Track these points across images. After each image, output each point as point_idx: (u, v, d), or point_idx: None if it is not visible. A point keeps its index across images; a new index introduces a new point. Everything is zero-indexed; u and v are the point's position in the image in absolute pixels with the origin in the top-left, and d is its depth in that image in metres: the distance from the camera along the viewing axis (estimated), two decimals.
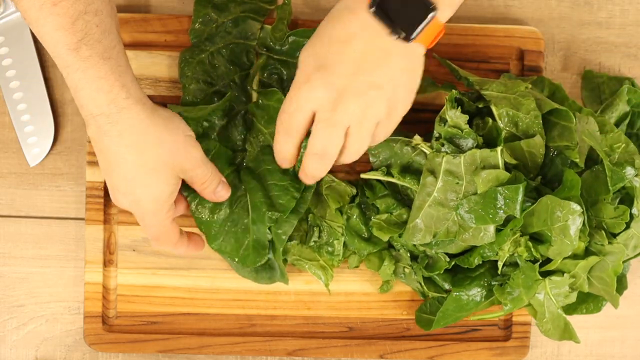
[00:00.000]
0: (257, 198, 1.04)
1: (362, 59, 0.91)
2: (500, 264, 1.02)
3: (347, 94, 0.92)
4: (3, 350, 1.12)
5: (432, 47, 0.93)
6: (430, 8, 0.90)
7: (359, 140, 0.95)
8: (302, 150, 0.98)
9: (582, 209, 0.97)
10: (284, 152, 0.98)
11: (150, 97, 1.09)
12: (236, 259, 1.05)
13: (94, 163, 1.09)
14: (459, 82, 1.06)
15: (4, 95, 1.11)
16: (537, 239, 1.02)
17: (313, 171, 0.97)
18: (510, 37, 1.11)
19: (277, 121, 0.97)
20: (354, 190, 1.08)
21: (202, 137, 1.04)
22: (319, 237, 1.08)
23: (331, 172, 1.06)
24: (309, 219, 1.08)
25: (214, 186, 1.02)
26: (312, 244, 1.08)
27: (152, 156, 0.94)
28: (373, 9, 0.89)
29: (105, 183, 1.09)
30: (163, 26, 1.10)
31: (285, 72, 1.08)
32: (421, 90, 1.03)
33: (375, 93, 0.92)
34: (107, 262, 1.10)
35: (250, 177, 1.05)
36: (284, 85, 1.07)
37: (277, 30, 1.07)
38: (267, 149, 1.05)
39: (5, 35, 1.10)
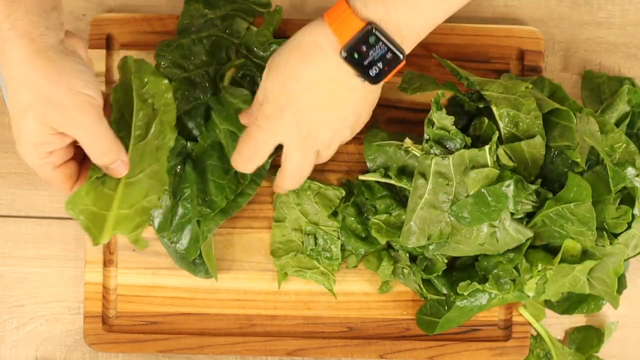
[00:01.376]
0: (193, 191, 1.05)
1: (330, 97, 0.96)
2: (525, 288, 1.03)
3: (316, 126, 0.97)
4: (3, 350, 1.12)
5: (433, 48, 0.94)
6: (399, 57, 0.94)
7: (326, 157, 1.02)
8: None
9: (594, 215, 0.98)
10: (244, 170, 1.01)
11: None
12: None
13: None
14: (459, 82, 1.06)
15: (3, 95, 1.11)
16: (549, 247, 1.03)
17: (288, 188, 1.02)
18: (510, 37, 1.11)
19: (241, 142, 0.99)
20: (343, 192, 1.08)
21: None
22: (315, 244, 1.09)
23: (323, 174, 1.07)
24: (302, 228, 1.09)
25: (105, 159, 0.94)
26: (309, 252, 1.09)
27: (22, 98, 0.89)
28: (344, 54, 0.93)
29: None
30: (163, 26, 1.10)
31: (259, 76, 1.08)
32: (422, 88, 1.03)
33: (341, 124, 0.98)
34: (107, 262, 1.10)
35: (192, 169, 1.06)
36: (254, 89, 1.07)
37: (262, 35, 1.08)
38: (217, 146, 1.06)
39: None
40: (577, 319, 1.14)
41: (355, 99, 0.97)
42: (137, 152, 0.97)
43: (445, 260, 1.06)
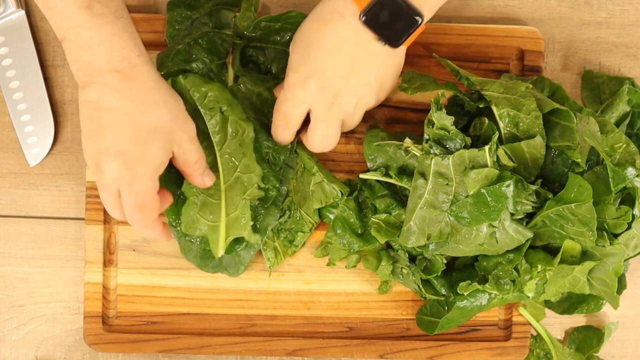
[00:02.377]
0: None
1: (353, 63, 0.97)
2: (525, 289, 1.03)
3: (341, 93, 0.99)
4: (3, 350, 1.12)
5: (433, 48, 0.94)
6: (417, 20, 0.96)
7: (351, 125, 1.04)
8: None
9: (595, 216, 0.98)
10: (282, 140, 1.05)
11: None
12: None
13: None
14: (459, 82, 1.06)
15: (4, 95, 1.11)
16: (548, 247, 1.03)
17: (317, 151, 1.04)
18: (510, 37, 1.11)
19: (274, 113, 1.03)
20: (339, 194, 1.08)
21: None
22: (286, 221, 1.09)
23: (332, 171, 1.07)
24: (283, 202, 1.08)
25: (203, 169, 1.01)
26: (276, 223, 1.08)
27: (156, 116, 0.94)
28: (364, 18, 0.95)
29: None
30: (163, 26, 1.10)
31: (260, 58, 1.09)
32: (423, 88, 1.04)
33: (366, 90, 1.00)
34: (107, 262, 1.10)
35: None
36: (262, 71, 1.08)
37: (245, 19, 1.08)
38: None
39: (5, 35, 1.10)
40: (577, 319, 1.14)
41: (377, 64, 0.98)
42: (225, 155, 1.03)
43: (444, 261, 1.06)
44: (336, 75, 0.98)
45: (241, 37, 1.09)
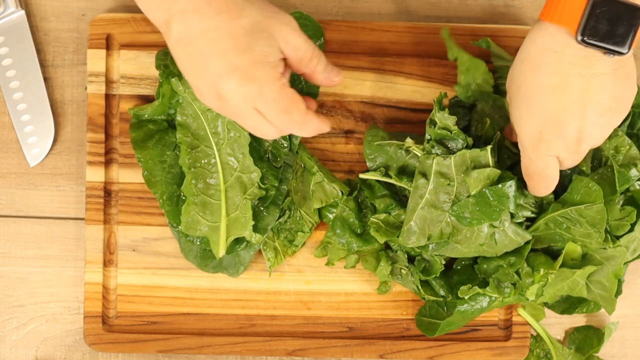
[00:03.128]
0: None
1: (584, 96, 0.89)
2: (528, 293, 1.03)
3: (584, 132, 0.91)
4: (3, 350, 1.12)
5: (433, 49, 0.93)
6: (638, 12, 0.87)
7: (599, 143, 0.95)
8: None
9: (606, 217, 0.98)
10: (545, 194, 0.98)
11: (151, 97, 1.10)
12: None
13: (94, 163, 1.09)
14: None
15: (4, 95, 1.11)
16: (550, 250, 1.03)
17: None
18: (510, 37, 1.11)
19: (530, 180, 0.96)
20: (340, 194, 1.08)
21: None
22: (286, 221, 1.09)
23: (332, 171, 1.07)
24: (283, 201, 1.08)
25: (323, 63, 0.92)
26: (276, 223, 1.08)
27: (245, 17, 0.86)
28: (583, 37, 0.87)
29: (105, 184, 1.09)
30: None
31: None
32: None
33: (607, 116, 0.90)
34: (107, 262, 1.10)
35: None
36: None
37: None
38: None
39: (5, 35, 1.10)
40: (577, 319, 1.14)
41: (610, 85, 0.89)
42: (224, 155, 1.03)
43: (443, 262, 1.06)
44: (573, 118, 0.89)
45: None
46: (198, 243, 1.07)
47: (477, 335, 1.12)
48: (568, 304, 1.10)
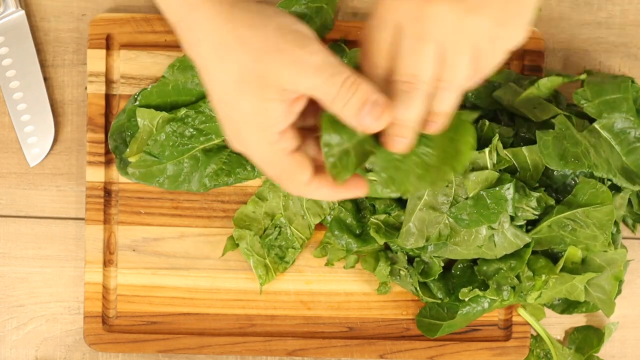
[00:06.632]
0: None
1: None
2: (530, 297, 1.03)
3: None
4: (3, 350, 1.12)
5: None
6: None
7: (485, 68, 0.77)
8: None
9: (614, 218, 0.98)
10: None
11: None
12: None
13: (93, 163, 1.09)
14: None
15: (4, 95, 1.11)
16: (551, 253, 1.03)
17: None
18: None
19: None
20: (335, 203, 1.08)
21: None
22: (276, 238, 1.09)
23: None
24: (274, 217, 1.08)
25: (355, 103, 0.71)
26: (266, 240, 1.08)
27: (234, 63, 0.72)
28: None
29: (105, 184, 1.09)
30: (163, 26, 1.10)
31: None
32: None
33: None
34: (107, 262, 1.10)
35: None
36: None
37: None
38: None
39: (5, 35, 1.10)
40: (577, 319, 1.14)
41: None
42: None
43: (442, 264, 1.06)
44: None
45: None
46: None
47: (477, 335, 1.12)
48: (568, 304, 1.10)
